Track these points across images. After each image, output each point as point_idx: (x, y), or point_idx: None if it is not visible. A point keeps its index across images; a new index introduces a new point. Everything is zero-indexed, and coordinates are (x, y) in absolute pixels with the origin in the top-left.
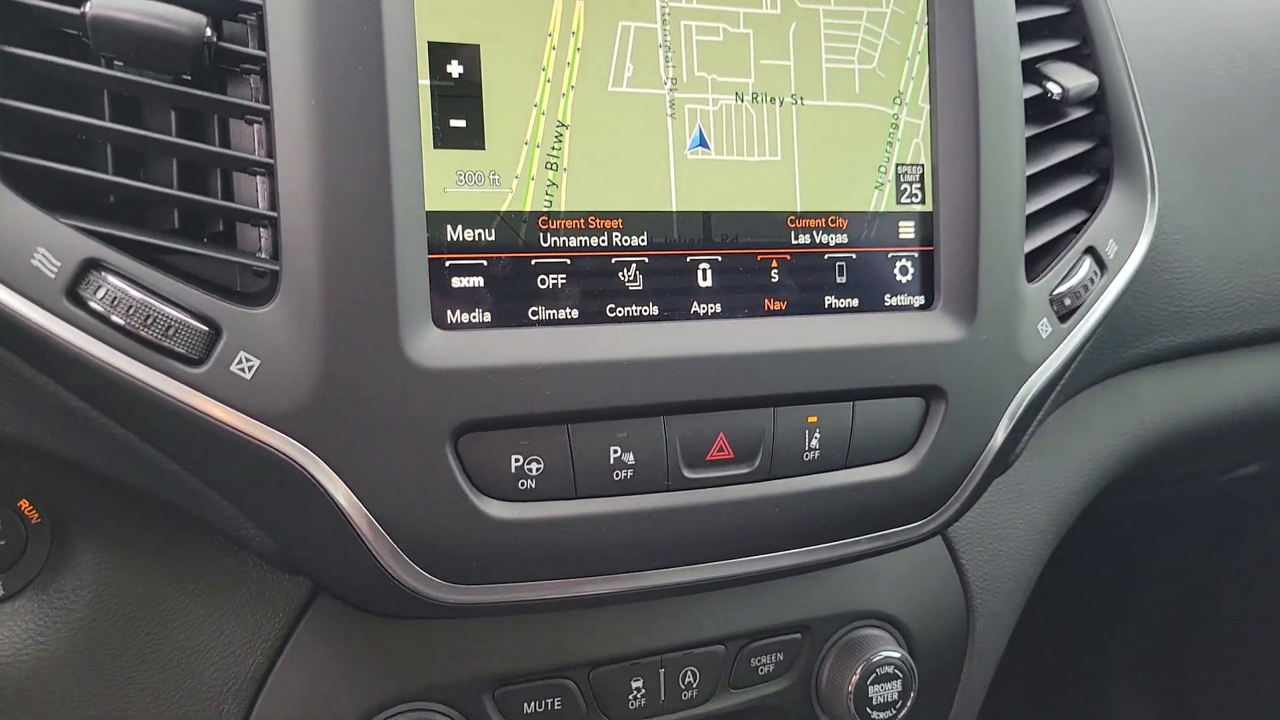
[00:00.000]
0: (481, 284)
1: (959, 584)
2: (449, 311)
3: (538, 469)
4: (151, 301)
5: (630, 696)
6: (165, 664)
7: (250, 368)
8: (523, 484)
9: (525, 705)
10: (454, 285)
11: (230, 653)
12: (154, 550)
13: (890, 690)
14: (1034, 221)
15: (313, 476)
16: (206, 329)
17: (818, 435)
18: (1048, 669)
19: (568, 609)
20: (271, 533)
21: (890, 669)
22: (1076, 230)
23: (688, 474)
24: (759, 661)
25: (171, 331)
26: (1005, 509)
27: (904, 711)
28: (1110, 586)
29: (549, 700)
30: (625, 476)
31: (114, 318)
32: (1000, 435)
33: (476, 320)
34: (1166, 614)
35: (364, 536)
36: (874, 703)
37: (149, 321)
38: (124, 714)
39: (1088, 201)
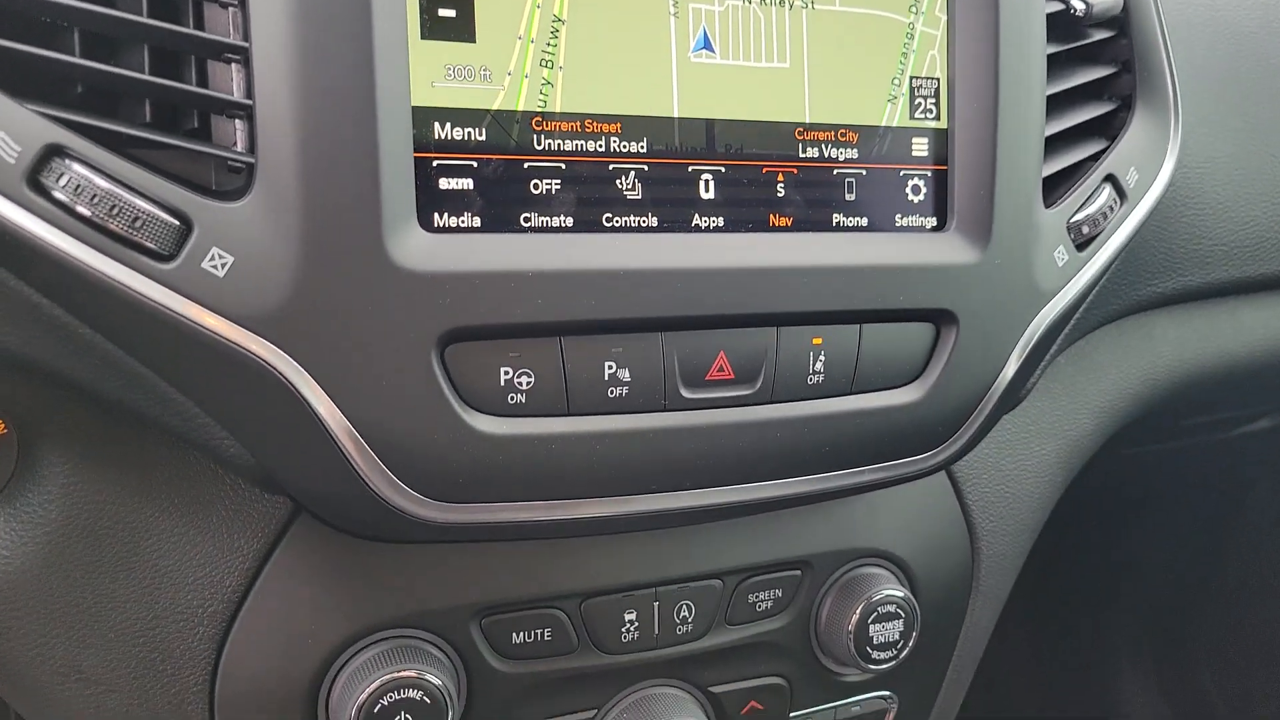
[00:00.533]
0: (471, 186)
1: (964, 525)
2: (436, 214)
3: (528, 383)
4: (118, 191)
5: (623, 629)
6: (137, 583)
7: (223, 265)
8: (512, 398)
9: (514, 635)
10: (441, 186)
11: (205, 574)
12: (125, 465)
13: (892, 630)
14: (1052, 145)
15: (290, 383)
16: (177, 223)
17: (822, 358)
18: (1045, 633)
19: (559, 535)
20: (248, 445)
21: (892, 608)
22: (1095, 158)
23: (686, 394)
24: (757, 598)
25: (139, 224)
26: (1013, 449)
27: (905, 652)
28: (1112, 548)
29: (539, 631)
30: (620, 394)
31: (79, 208)
32: (1012, 367)
33: (465, 225)
34: (1170, 576)
35: (345, 450)
36: (875, 642)
37: (115, 212)
38: (94, 633)
39: (1108, 130)
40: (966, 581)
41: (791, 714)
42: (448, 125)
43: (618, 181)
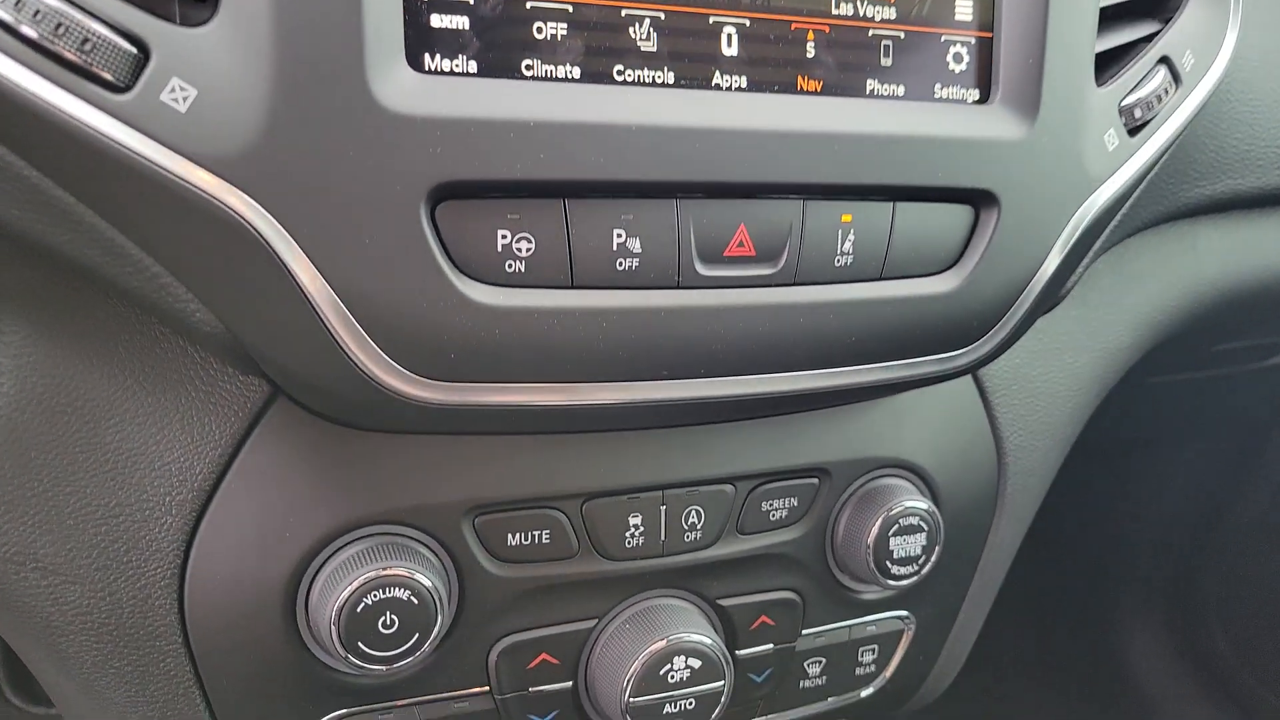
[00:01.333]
0: (466, 25)
1: (991, 438)
2: (426, 54)
3: (528, 249)
4: (66, 9)
5: (627, 534)
6: (98, 467)
7: (185, 98)
8: (510, 266)
9: (510, 537)
10: (433, 23)
11: (173, 460)
12: (85, 338)
13: (913, 544)
14: (1105, 20)
15: (262, 237)
16: (132, 49)
17: (851, 238)
18: (1048, 582)
19: (560, 428)
20: (217, 310)
21: (915, 520)
22: (1149, 40)
23: (702, 270)
24: (771, 506)
25: (90, 47)
26: (1045, 361)
27: (926, 568)
28: (1121, 495)
29: (536, 533)
30: (630, 267)
31: (23, 28)
32: (1054, 259)
33: (459, 69)
34: (1180, 524)
35: (325, 317)
36: (895, 556)
37: (62, 32)
38: (52, 518)
39: (1163, 10)
40: (991, 499)
41: (803, 631)
42: None
43: (630, 30)
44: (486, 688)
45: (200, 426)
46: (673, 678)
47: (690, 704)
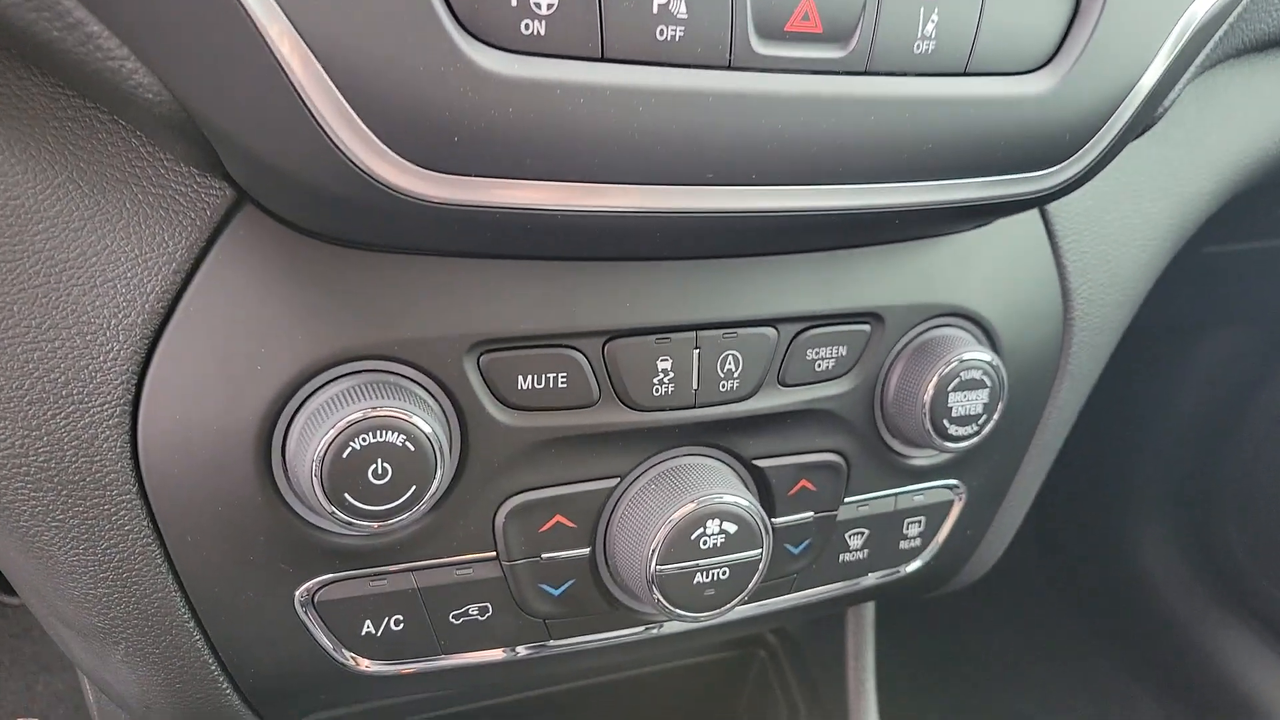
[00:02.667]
0: None
1: (1058, 289)
2: None
3: (549, 6)
4: None
5: (654, 381)
6: (26, 282)
7: None
8: (527, 26)
9: (520, 380)
10: None
11: (118, 275)
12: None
13: (974, 401)
14: None
15: None
16: None
17: (934, 19)
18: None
19: (578, 247)
20: (158, 65)
21: (977, 374)
22: None
23: (759, 48)
24: (817, 354)
25: None
26: (1120, 203)
27: (987, 429)
28: (1143, 389)
29: (551, 376)
30: (673, 37)
31: None
32: (1158, 66)
33: None
34: (1200, 418)
35: (296, 81)
36: (953, 414)
37: None
38: None
39: None
40: (1054, 357)
41: (846, 499)
42: None
43: None
44: (493, 553)
45: (150, 236)
46: (705, 543)
47: (724, 573)
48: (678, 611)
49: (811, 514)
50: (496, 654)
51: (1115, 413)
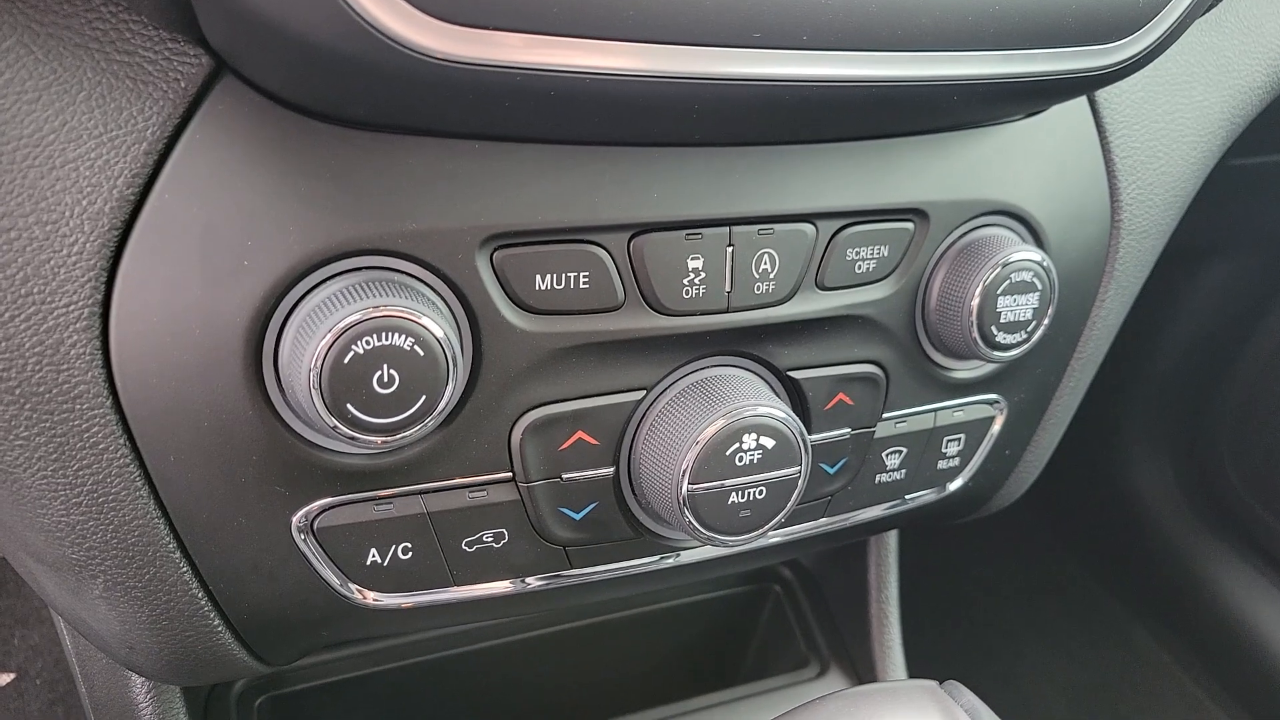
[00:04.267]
0: None
1: (1106, 186)
2: None
3: None
4: None
5: (685, 281)
6: None
7: None
8: None
9: (538, 279)
10: None
11: (81, 157)
12: None
13: (1024, 305)
14: None
15: None
16: None
17: None
18: None
19: (603, 127)
20: None
21: (1029, 276)
22: None
23: None
24: (857, 255)
25: None
26: (1172, 94)
27: (1037, 335)
28: (1148, 315)
29: (571, 275)
30: None
31: None
32: None
33: None
34: (1201, 345)
35: None
36: (1001, 320)
37: None
38: None
39: None
40: (1101, 261)
41: (884, 415)
42: None
43: None
44: (509, 474)
45: (116, 111)
46: (741, 460)
47: (761, 493)
48: (712, 535)
49: (849, 430)
50: (510, 585)
51: (1117, 340)
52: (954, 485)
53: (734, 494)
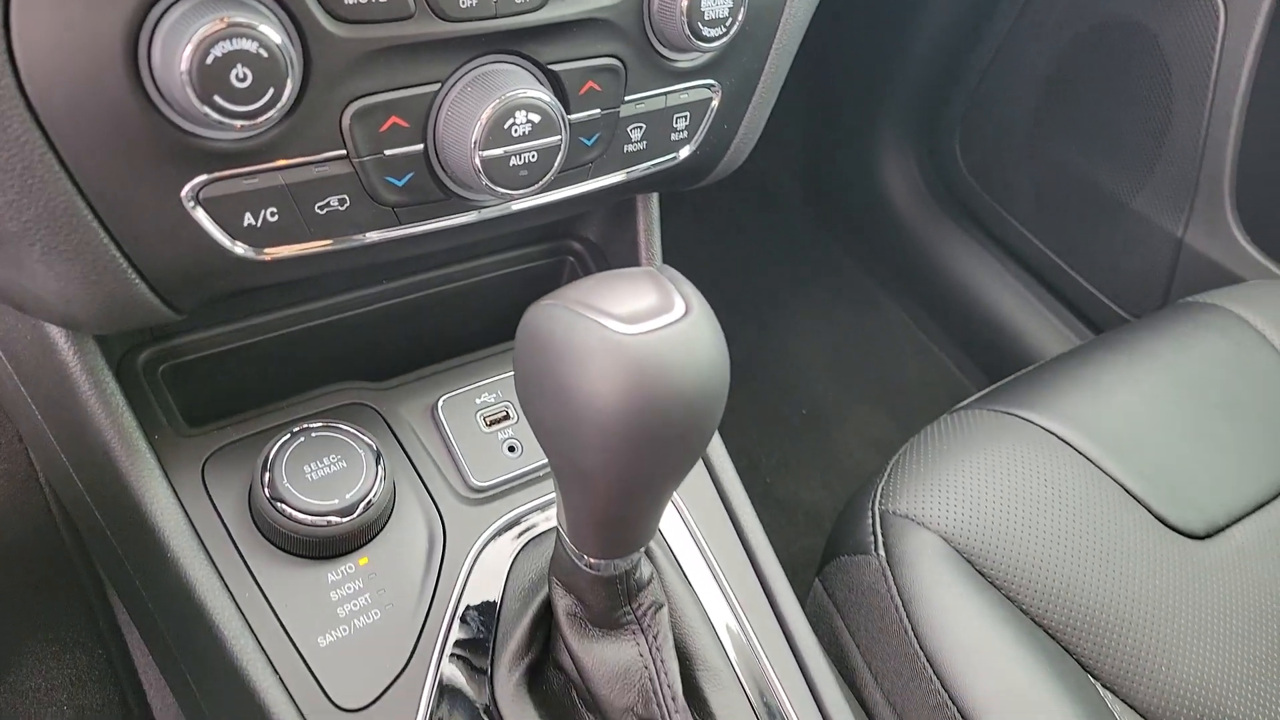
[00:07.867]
0: None
1: None
2: None
3: None
4: None
5: None
6: None
7: None
8: None
9: None
10: None
11: None
12: None
13: (722, 4)
14: None
15: None
16: None
17: None
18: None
19: None
20: None
21: None
22: None
23: None
24: None
25: None
26: None
27: (734, 29)
28: (888, 38)
29: None
30: None
31: None
32: None
33: None
34: (943, 45)
35: None
36: (705, 17)
37: None
38: None
39: None
40: None
41: (626, 98)
42: None
43: None
44: (344, 151)
45: None
46: (515, 131)
47: (533, 156)
48: (500, 190)
49: (599, 110)
50: (359, 238)
51: (872, 50)
52: (684, 153)
53: (514, 158)
